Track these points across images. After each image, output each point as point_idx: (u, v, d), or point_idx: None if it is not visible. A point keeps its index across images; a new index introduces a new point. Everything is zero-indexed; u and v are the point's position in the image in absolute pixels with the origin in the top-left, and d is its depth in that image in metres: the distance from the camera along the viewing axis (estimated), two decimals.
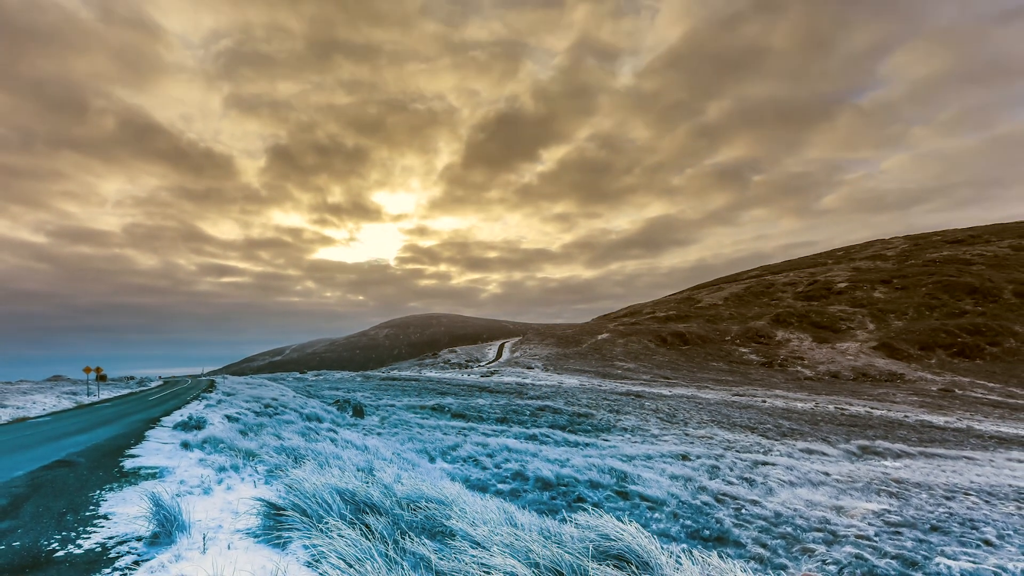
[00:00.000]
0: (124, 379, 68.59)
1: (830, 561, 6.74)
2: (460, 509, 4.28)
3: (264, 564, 3.67)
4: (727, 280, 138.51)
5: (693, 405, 34.61)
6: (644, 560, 3.31)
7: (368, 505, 4.52)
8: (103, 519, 4.75)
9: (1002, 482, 13.51)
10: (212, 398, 22.51)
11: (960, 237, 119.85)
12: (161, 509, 4.28)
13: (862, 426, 28.14)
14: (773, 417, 30.06)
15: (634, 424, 24.45)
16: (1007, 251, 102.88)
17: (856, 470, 14.71)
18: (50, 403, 22.23)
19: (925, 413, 38.12)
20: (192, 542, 4.12)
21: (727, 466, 13.82)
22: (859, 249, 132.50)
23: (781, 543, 7.47)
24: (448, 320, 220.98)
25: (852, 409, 37.73)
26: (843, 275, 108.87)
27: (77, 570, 3.57)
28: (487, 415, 24.96)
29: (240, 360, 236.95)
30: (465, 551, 3.37)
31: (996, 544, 7.93)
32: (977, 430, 29.14)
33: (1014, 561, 6.98)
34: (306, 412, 17.72)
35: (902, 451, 19.76)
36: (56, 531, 4.38)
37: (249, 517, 4.74)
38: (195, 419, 12.53)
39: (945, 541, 7.93)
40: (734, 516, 8.69)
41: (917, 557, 6.94)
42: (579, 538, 3.61)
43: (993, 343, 72.51)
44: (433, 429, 18.39)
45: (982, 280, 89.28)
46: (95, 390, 33.05)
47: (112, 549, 3.99)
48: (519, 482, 10.11)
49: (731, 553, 6.79)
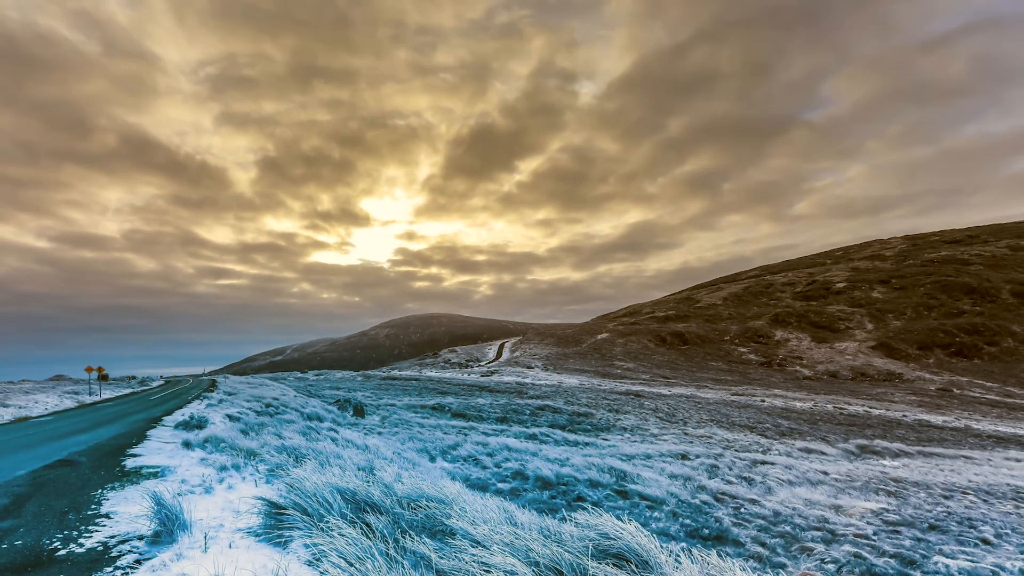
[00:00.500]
0: (126, 379, 68.62)
1: (829, 560, 6.74)
2: (460, 508, 4.28)
3: (265, 563, 3.66)
4: (726, 280, 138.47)
5: (692, 404, 34.60)
6: (644, 559, 3.31)
7: (369, 504, 4.52)
8: (105, 518, 4.75)
9: (1000, 481, 13.50)
10: (213, 398, 22.50)
11: (958, 237, 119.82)
12: (163, 508, 4.28)
13: (860, 425, 28.14)
14: (772, 416, 30.06)
15: (633, 423, 24.44)
16: (1005, 251, 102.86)
17: (855, 469, 14.71)
18: (52, 402, 22.23)
19: (923, 412, 38.11)
20: (193, 541, 4.12)
21: (726, 465, 13.82)
22: (857, 249, 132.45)
23: (780, 542, 7.46)
24: (448, 320, 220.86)
25: (851, 408, 37.72)
26: (842, 275, 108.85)
27: (79, 569, 3.56)
28: (487, 414, 24.96)
29: (241, 360, 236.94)
30: (465, 550, 3.37)
31: (994, 543, 7.93)
32: (975, 429, 29.13)
33: (1012, 560, 6.97)
34: (307, 411, 17.72)
35: (900, 450, 19.76)
36: (58, 530, 4.37)
37: (250, 516, 4.74)
38: (196, 418, 12.52)
39: (943, 540, 7.93)
40: (733, 515, 8.69)
41: (915, 556, 6.93)
42: (579, 537, 3.61)
43: (991, 343, 72.49)
44: (433, 428, 18.39)
45: (980, 280, 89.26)
46: (97, 390, 33.05)
47: (114, 548, 3.99)
48: (519, 481, 10.10)
49: (730, 552, 6.78)
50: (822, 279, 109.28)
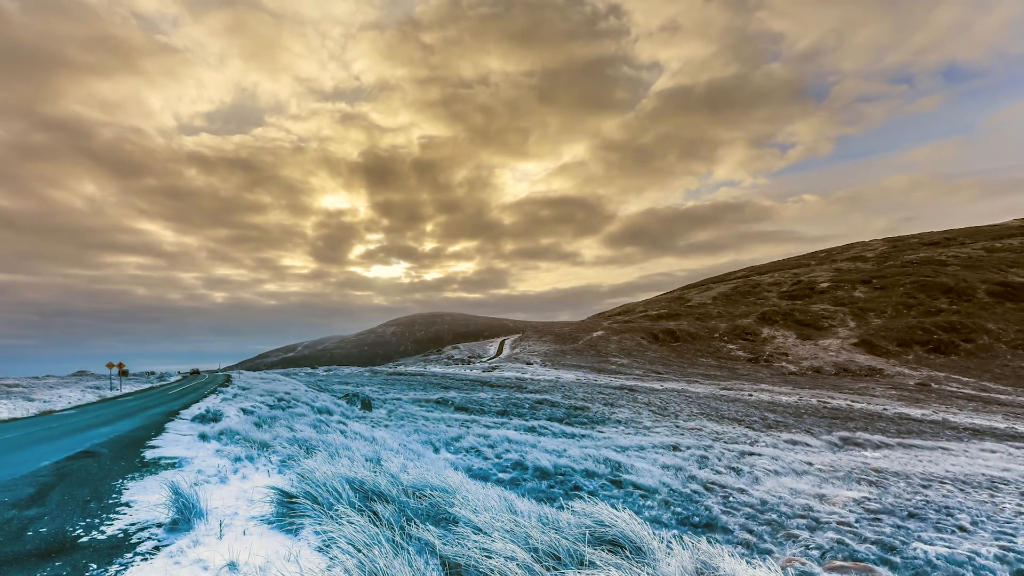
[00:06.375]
0: (145, 374, 68.61)
1: (813, 546, 6.74)
2: (463, 497, 4.28)
3: (278, 549, 3.67)
4: (715, 280, 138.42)
5: (683, 399, 34.59)
6: (637, 545, 3.31)
7: (376, 493, 4.52)
8: (125, 506, 4.75)
9: (976, 471, 13.51)
10: (228, 392, 22.50)
11: (936, 239, 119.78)
12: (180, 497, 4.28)
13: (843, 418, 28.13)
14: (759, 410, 30.04)
15: (628, 417, 24.43)
16: (981, 253, 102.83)
17: (838, 460, 14.71)
18: (75, 397, 22.23)
19: (903, 406, 38.10)
20: (209, 528, 4.12)
21: (716, 456, 13.82)
22: (840, 251, 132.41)
23: (767, 529, 7.46)
24: (451, 318, 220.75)
25: (834, 402, 37.71)
26: (825, 275, 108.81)
27: (101, 555, 3.56)
28: (488, 408, 24.95)
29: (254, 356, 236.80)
30: (468, 537, 3.37)
31: (970, 530, 7.93)
32: (952, 422, 29.13)
33: (987, 546, 6.97)
34: (317, 405, 17.71)
35: (881, 442, 19.76)
36: (81, 518, 4.37)
37: (263, 505, 4.74)
38: (212, 412, 12.52)
39: (922, 527, 7.93)
40: (722, 504, 8.69)
41: (895, 542, 6.93)
42: (575, 524, 3.61)
43: (967, 340, 72.46)
44: (437, 421, 18.38)
45: (957, 280, 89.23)
46: (117, 385, 33.04)
47: (134, 535, 3.98)
48: (519, 471, 10.10)
49: (719, 539, 6.78)
50: (807, 279, 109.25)
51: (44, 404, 18.20)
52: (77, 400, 21.06)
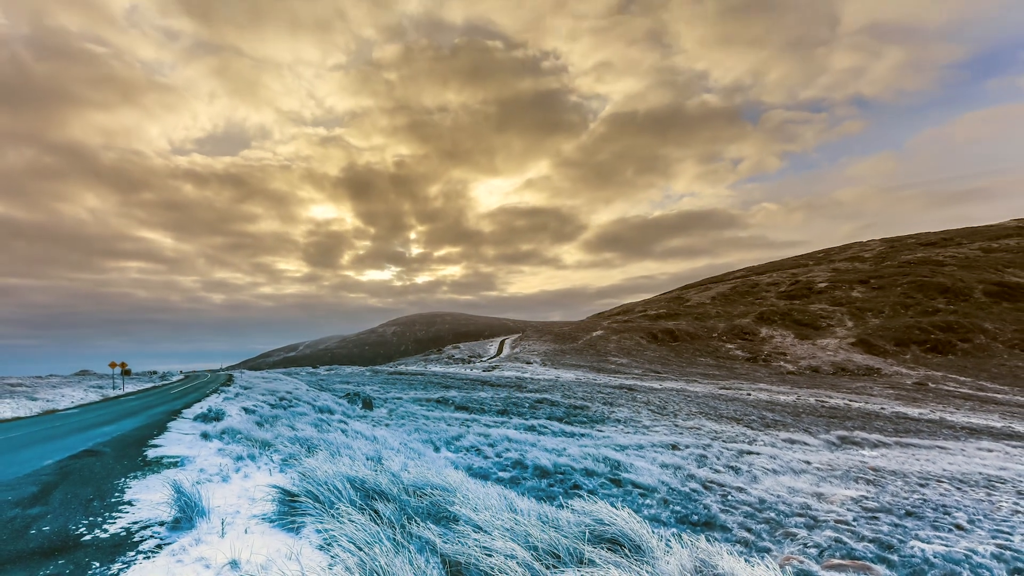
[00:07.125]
0: (148, 373, 68.61)
1: (811, 544, 6.74)
2: (463, 496, 4.28)
3: (279, 547, 3.67)
4: (714, 280, 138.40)
5: (682, 398, 34.59)
6: (636, 544, 3.31)
7: (377, 492, 4.52)
8: (128, 505, 4.75)
9: (973, 470, 13.51)
10: (230, 391, 22.49)
11: (933, 240, 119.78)
12: (182, 496, 4.28)
13: (841, 417, 28.13)
14: (757, 409, 30.05)
15: (627, 416, 24.43)
16: (977, 253, 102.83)
17: (835, 459, 14.70)
18: (78, 396, 22.22)
19: (900, 405, 38.10)
20: (211, 527, 4.12)
21: (714, 455, 13.81)
22: (838, 251, 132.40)
23: (765, 528, 7.46)
24: (452, 318, 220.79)
25: (832, 402, 37.71)
26: (823, 276, 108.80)
27: (104, 553, 3.56)
28: (489, 407, 24.95)
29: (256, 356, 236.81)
30: (468, 535, 3.37)
31: (967, 528, 7.93)
32: (949, 421, 29.13)
33: (984, 544, 6.97)
34: (318, 404, 17.71)
35: (879, 441, 19.76)
36: (84, 516, 4.37)
37: (265, 503, 4.74)
38: (214, 411, 12.52)
39: (919, 526, 7.92)
40: (721, 502, 8.68)
41: (893, 541, 6.93)
42: (575, 523, 3.62)
43: (964, 339, 72.46)
44: (438, 420, 18.38)
45: (954, 280, 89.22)
46: (120, 384, 33.04)
47: (136, 533, 3.99)
48: (519, 470, 10.10)
49: (718, 537, 6.78)
50: (805, 279, 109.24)
51: (47, 403, 18.19)
52: (80, 399, 21.06)
